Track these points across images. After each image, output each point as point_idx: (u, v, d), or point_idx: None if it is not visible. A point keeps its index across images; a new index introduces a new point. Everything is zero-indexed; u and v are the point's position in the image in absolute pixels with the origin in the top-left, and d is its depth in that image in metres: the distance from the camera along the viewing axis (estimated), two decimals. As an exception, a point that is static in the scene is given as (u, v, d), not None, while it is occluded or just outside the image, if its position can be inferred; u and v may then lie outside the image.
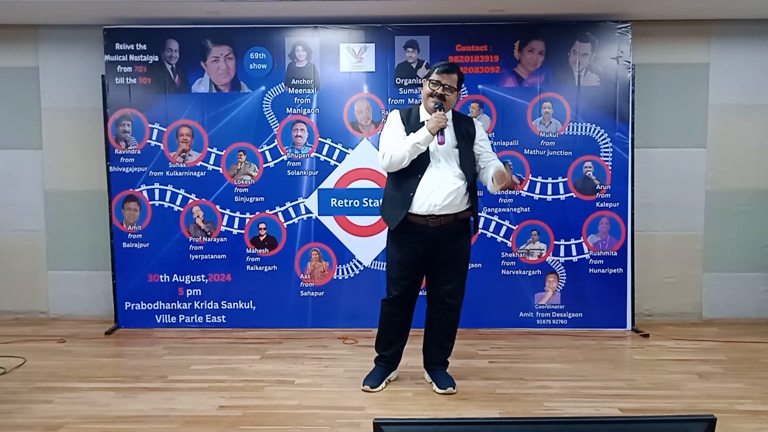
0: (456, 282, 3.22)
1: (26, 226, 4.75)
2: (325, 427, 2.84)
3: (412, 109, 3.27)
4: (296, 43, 4.43)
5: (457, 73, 3.16)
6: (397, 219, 3.13)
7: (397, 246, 3.21)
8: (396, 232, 3.18)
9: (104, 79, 4.45)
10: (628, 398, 3.17)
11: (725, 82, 4.56)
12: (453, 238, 3.16)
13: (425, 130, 3.04)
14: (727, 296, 4.67)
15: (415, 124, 3.16)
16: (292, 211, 4.49)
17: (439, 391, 3.22)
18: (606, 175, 4.41)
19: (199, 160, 4.47)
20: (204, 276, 4.49)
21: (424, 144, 3.05)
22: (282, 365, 3.69)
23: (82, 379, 3.45)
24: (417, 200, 3.10)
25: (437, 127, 3.01)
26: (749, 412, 2.98)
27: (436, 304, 3.27)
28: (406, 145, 3.06)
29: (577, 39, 4.38)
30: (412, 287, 3.23)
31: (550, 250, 4.46)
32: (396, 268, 3.21)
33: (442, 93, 3.10)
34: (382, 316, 3.31)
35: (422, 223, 3.12)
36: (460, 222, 3.18)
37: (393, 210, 3.17)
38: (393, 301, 3.25)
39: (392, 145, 3.11)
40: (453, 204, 3.11)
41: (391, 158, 3.09)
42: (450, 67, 3.15)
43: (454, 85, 3.14)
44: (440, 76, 3.11)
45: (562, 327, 4.44)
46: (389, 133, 3.18)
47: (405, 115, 3.23)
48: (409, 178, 3.12)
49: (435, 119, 3.03)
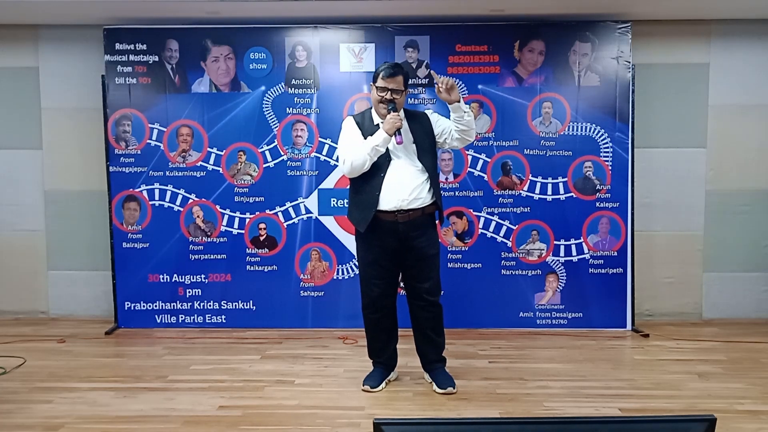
0: (432, 279, 3.26)
1: (26, 226, 4.75)
2: (325, 427, 2.84)
3: (364, 113, 3.31)
4: (296, 43, 4.43)
5: (402, 74, 3.17)
6: (367, 220, 3.16)
7: (368, 246, 3.24)
8: (365, 234, 3.21)
9: (104, 79, 4.45)
10: (628, 398, 3.17)
11: (725, 82, 4.56)
12: (422, 233, 3.20)
13: (382, 132, 3.08)
14: (727, 296, 4.67)
15: (369, 127, 3.20)
16: (292, 211, 4.49)
17: (439, 391, 3.22)
18: (606, 175, 4.41)
19: (199, 160, 4.47)
20: (204, 276, 4.49)
21: (382, 146, 3.10)
22: (282, 365, 3.69)
23: (82, 379, 3.45)
24: (384, 198, 3.14)
25: (393, 127, 3.06)
26: (749, 412, 2.98)
27: (416, 302, 3.29)
28: (365, 149, 3.10)
29: (577, 39, 4.38)
30: (388, 288, 3.26)
31: (550, 250, 4.46)
32: (369, 269, 3.24)
33: (391, 98, 3.13)
34: (366, 325, 3.34)
35: (391, 220, 3.15)
36: (426, 216, 3.22)
37: (361, 212, 3.20)
38: (372, 305, 3.28)
39: (351, 150, 3.15)
40: (419, 197, 3.15)
41: (352, 164, 3.13)
42: (394, 70, 3.15)
43: (401, 87, 3.16)
44: (386, 81, 3.13)
45: (562, 327, 4.44)
46: (346, 140, 3.22)
47: (359, 120, 3.27)
48: (372, 178, 3.17)
49: (390, 120, 3.07)
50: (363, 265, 3.29)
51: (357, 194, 3.25)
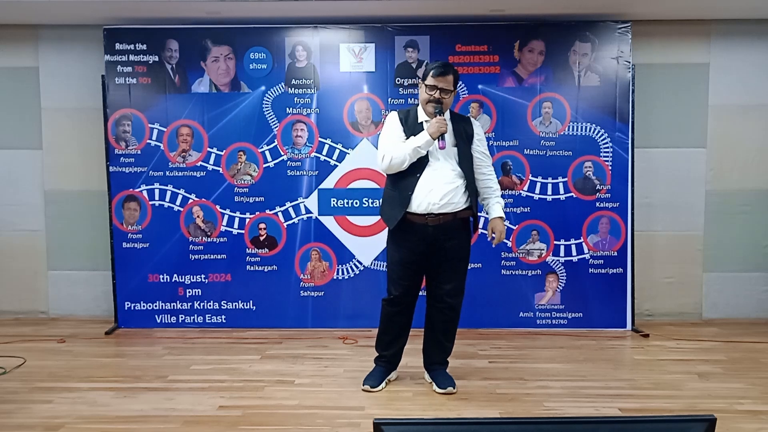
0: (456, 282, 3.22)
1: (26, 226, 4.75)
2: (325, 427, 2.84)
3: (410, 111, 3.27)
4: (296, 43, 4.43)
5: (453, 74, 3.14)
6: (396, 219, 3.13)
7: (396, 246, 3.21)
8: (395, 232, 3.18)
9: (104, 79, 4.45)
10: (628, 398, 3.17)
11: (725, 82, 4.56)
12: (452, 237, 3.16)
13: (426, 135, 3.05)
14: (727, 296, 4.67)
15: (413, 126, 3.17)
16: (292, 211, 4.49)
17: (439, 391, 3.22)
18: (606, 175, 4.41)
19: (199, 160, 4.47)
20: (204, 276, 4.49)
21: (424, 148, 3.07)
22: (282, 365, 3.69)
23: (82, 379, 3.45)
24: (415, 199, 3.10)
25: (438, 132, 3.02)
26: (749, 412, 2.98)
27: (435, 303, 3.27)
28: (406, 149, 3.07)
29: (577, 39, 4.38)
30: (412, 287, 3.24)
31: (550, 250, 4.46)
32: (396, 267, 3.21)
33: (440, 97, 3.10)
34: (382, 316, 3.31)
35: (421, 222, 3.12)
36: (459, 221, 3.18)
37: (392, 210, 3.17)
38: (393, 300, 3.25)
39: (391, 147, 3.12)
40: (451, 202, 3.11)
41: (390, 161, 3.10)
42: (444, 69, 3.12)
43: (450, 87, 3.13)
44: (436, 80, 3.09)
45: (562, 327, 4.44)
46: (388, 135, 3.19)
47: (403, 117, 3.23)
48: (407, 177, 3.13)
49: (436, 124, 3.03)
50: (390, 263, 3.26)
51: (391, 191, 3.21)
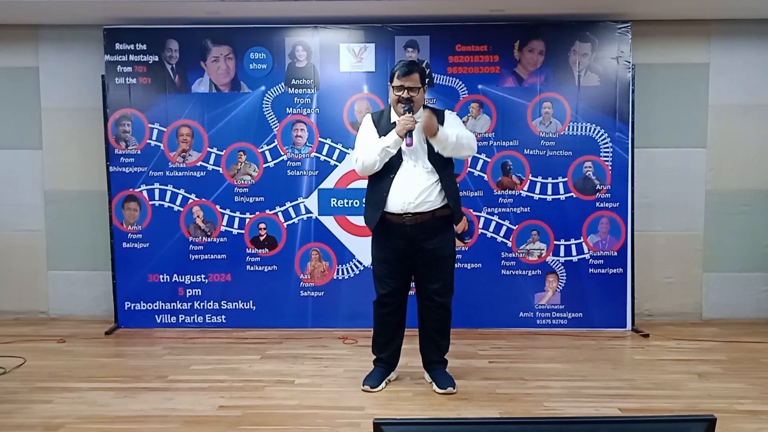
0: (442, 281, 3.25)
1: (26, 226, 4.75)
2: (325, 427, 2.84)
3: (383, 112, 3.30)
4: (296, 43, 4.43)
5: (418, 71, 3.15)
6: (374, 220, 3.18)
7: (378, 246, 3.26)
8: (377, 233, 3.23)
9: (104, 79, 4.45)
10: (628, 398, 3.17)
11: (725, 82, 4.56)
12: (432, 236, 3.18)
13: (393, 134, 3.09)
14: (727, 296, 4.67)
15: (386, 126, 3.20)
16: (292, 211, 4.49)
17: (439, 391, 3.22)
18: (606, 175, 4.41)
19: (199, 160, 4.47)
20: (204, 276, 4.49)
21: (393, 147, 3.10)
22: (282, 365, 3.69)
23: (82, 379, 3.45)
24: (391, 199, 3.14)
25: (404, 129, 3.05)
26: (749, 412, 2.98)
27: (426, 303, 3.30)
28: (376, 150, 3.11)
29: (577, 39, 4.37)
30: (399, 287, 3.26)
31: (550, 250, 4.45)
32: (380, 267, 3.26)
33: (408, 96, 3.12)
34: (374, 318, 3.34)
35: (399, 222, 3.15)
36: (438, 219, 3.19)
37: (371, 212, 3.23)
38: (382, 301, 3.28)
39: (363, 150, 3.17)
40: (427, 201, 3.14)
41: (363, 163, 3.15)
42: (409, 68, 3.13)
43: (418, 84, 3.14)
44: (402, 80, 3.11)
45: (562, 327, 4.44)
46: (362, 138, 3.24)
47: (376, 118, 3.27)
48: (382, 179, 3.17)
49: (402, 122, 3.06)
50: (375, 262, 3.30)
51: (369, 193, 3.27)
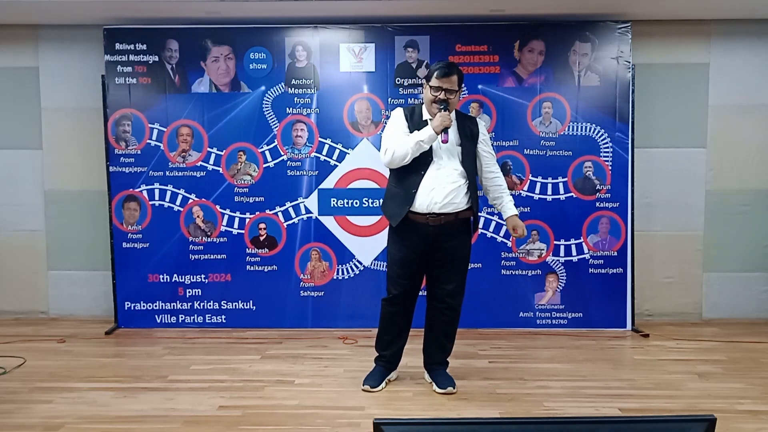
0: (456, 282, 3.22)
1: (26, 226, 4.75)
2: (325, 427, 2.84)
3: (415, 108, 3.26)
4: (296, 43, 4.43)
5: (457, 74, 3.13)
6: (400, 216, 3.13)
7: (397, 245, 3.21)
8: (396, 231, 3.18)
9: (104, 79, 4.45)
10: (628, 398, 3.17)
11: (725, 82, 4.56)
12: (452, 237, 3.16)
13: (430, 129, 3.04)
14: (727, 296, 4.67)
15: (418, 122, 3.16)
16: (292, 211, 4.49)
17: (439, 391, 3.22)
18: (606, 175, 4.41)
19: (199, 160, 4.47)
20: (204, 276, 4.49)
21: (428, 142, 3.06)
22: (282, 365, 3.69)
23: (82, 379, 3.45)
24: (419, 197, 3.10)
25: (442, 126, 3.01)
26: (749, 412, 2.98)
27: (436, 303, 3.27)
28: (409, 143, 3.05)
29: (577, 39, 4.38)
30: (411, 287, 3.23)
31: (550, 250, 4.46)
32: (396, 266, 3.21)
33: (445, 98, 3.09)
34: (382, 316, 3.31)
35: (422, 222, 3.12)
36: (460, 221, 3.18)
37: (396, 207, 3.16)
38: (393, 300, 3.24)
39: (395, 141, 3.11)
40: (453, 202, 3.11)
41: (393, 154, 3.08)
42: (449, 69, 3.11)
43: (455, 87, 3.11)
44: (441, 81, 3.08)
45: (562, 327, 4.44)
46: (392, 130, 3.17)
47: (408, 113, 3.22)
48: (411, 175, 3.12)
49: (440, 118, 3.02)
50: (390, 262, 3.25)
51: (395, 188, 3.20)
